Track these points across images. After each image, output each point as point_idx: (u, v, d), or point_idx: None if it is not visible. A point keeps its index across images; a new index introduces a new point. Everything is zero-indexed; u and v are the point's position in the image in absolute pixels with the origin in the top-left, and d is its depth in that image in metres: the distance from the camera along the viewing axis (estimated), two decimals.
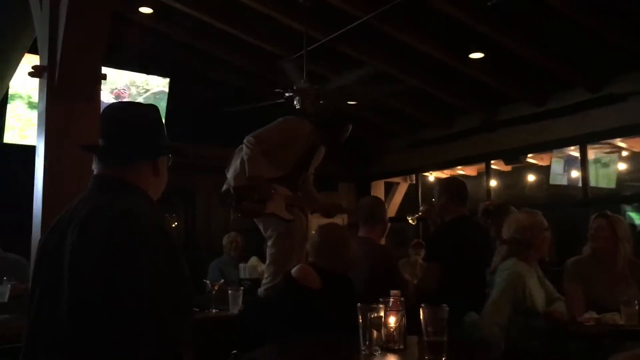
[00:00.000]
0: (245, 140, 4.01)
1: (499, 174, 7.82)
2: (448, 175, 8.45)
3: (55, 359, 1.39)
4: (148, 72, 6.40)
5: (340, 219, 8.42)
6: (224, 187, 4.09)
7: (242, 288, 3.99)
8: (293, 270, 2.89)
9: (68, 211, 1.54)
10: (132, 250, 1.38)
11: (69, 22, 2.57)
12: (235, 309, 3.77)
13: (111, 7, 2.68)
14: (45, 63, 2.75)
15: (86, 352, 1.36)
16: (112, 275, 1.36)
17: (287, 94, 4.91)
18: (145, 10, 6.03)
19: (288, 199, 4.05)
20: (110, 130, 1.61)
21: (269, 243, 4.08)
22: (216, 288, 3.96)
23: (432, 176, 8.36)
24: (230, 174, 4.10)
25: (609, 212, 3.37)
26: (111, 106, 1.68)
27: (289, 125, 4.17)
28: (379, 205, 3.79)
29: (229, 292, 3.88)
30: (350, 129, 4.25)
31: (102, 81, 2.83)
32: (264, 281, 4.05)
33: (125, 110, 1.72)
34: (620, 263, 3.21)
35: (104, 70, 2.89)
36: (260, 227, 4.15)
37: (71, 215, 1.50)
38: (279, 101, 4.94)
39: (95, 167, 1.60)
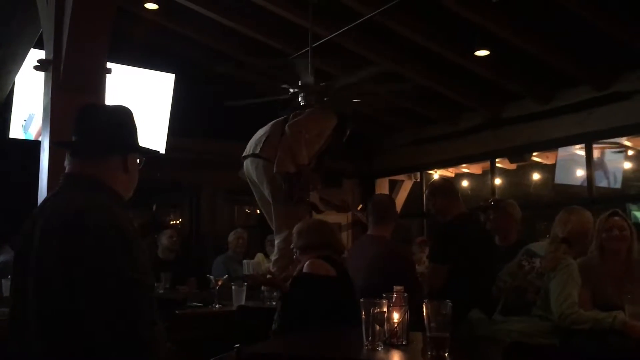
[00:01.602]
0: (289, 128, 4.08)
1: (504, 172, 7.79)
2: (452, 173, 8.44)
3: (25, 357, 1.47)
4: (153, 68, 6.40)
5: (345, 217, 8.45)
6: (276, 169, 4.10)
7: (245, 284, 4.01)
8: (305, 268, 2.87)
9: (37, 209, 1.62)
10: (86, 249, 1.44)
11: (74, 17, 2.59)
12: (238, 303, 3.79)
13: (116, 2, 2.68)
14: (50, 57, 2.77)
15: (52, 351, 1.42)
16: (69, 275, 1.42)
17: (292, 90, 4.91)
18: (151, 6, 6.04)
19: (322, 192, 4.17)
20: (82, 127, 1.68)
21: (281, 236, 4.09)
22: (219, 283, 3.99)
23: (436, 174, 8.34)
24: (278, 157, 4.09)
25: (619, 211, 3.34)
26: (85, 105, 1.76)
27: (323, 116, 4.30)
28: (393, 204, 3.83)
29: (233, 287, 3.89)
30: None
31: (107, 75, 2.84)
32: (271, 269, 4.07)
33: (98, 109, 1.82)
34: (632, 263, 3.19)
35: (109, 65, 2.90)
36: (270, 216, 4.20)
37: (38, 215, 1.57)
38: (283, 97, 4.94)
39: (66, 164, 1.66)
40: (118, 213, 1.55)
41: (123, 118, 1.73)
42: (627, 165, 7.27)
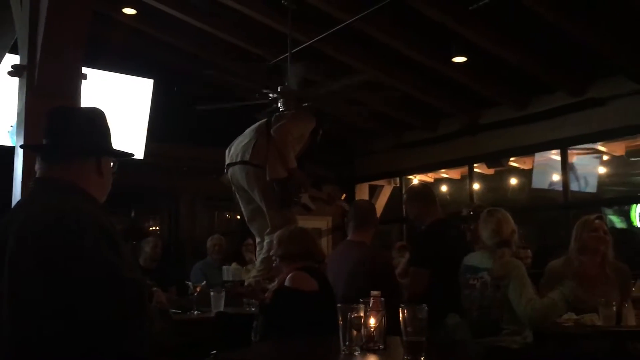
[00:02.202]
0: (276, 133, 4.10)
1: (482, 177, 7.88)
2: (431, 179, 8.50)
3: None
4: (132, 74, 6.35)
5: (325, 222, 8.46)
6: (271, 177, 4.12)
7: (224, 290, 3.99)
8: (287, 281, 2.84)
9: (8, 215, 1.56)
10: (71, 252, 1.40)
11: (49, 22, 2.56)
12: (217, 310, 3.77)
13: (92, 7, 2.66)
14: (25, 62, 2.73)
15: (25, 353, 1.38)
16: (53, 280, 1.38)
17: (271, 96, 4.91)
18: (129, 11, 6.00)
19: (311, 191, 4.20)
20: (54, 128, 1.63)
21: (267, 237, 4.10)
22: (198, 290, 3.96)
23: (416, 179, 8.40)
24: (270, 165, 4.12)
25: (603, 216, 3.44)
26: (56, 107, 1.71)
27: (304, 118, 4.34)
28: (373, 210, 3.84)
29: (212, 293, 3.87)
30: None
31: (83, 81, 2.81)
32: (254, 273, 4.06)
33: (70, 111, 1.76)
34: (607, 264, 3.26)
35: (86, 70, 2.87)
36: (258, 221, 4.21)
37: (10, 220, 1.51)
38: (262, 102, 4.93)
39: (37, 168, 1.61)
40: (99, 214, 1.52)
41: (96, 120, 1.68)
42: (602, 170, 7.39)
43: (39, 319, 1.37)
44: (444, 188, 8.61)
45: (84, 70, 2.85)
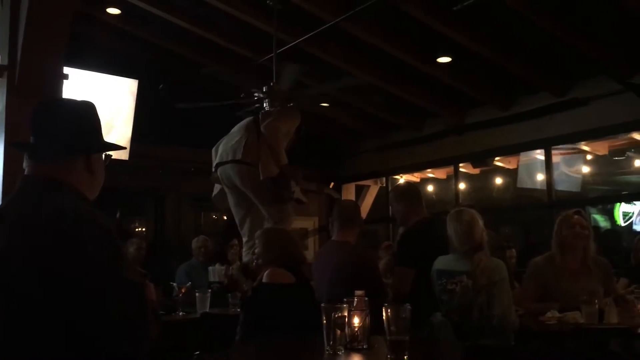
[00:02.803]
0: (267, 130, 4.11)
1: (467, 177, 7.92)
2: (417, 178, 8.54)
3: None
4: (116, 74, 6.30)
5: (311, 222, 8.46)
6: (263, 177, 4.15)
7: (209, 291, 3.98)
8: (264, 277, 2.92)
9: None
10: (71, 254, 1.36)
11: (29, 21, 2.54)
12: (202, 310, 3.75)
13: (73, 7, 2.64)
14: (6, 62, 2.71)
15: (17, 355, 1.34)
16: (50, 282, 1.33)
17: (256, 95, 4.90)
18: (113, 11, 5.96)
19: (302, 183, 4.26)
20: (41, 125, 1.56)
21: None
22: (183, 291, 3.95)
23: (402, 179, 8.43)
24: (262, 164, 4.12)
25: (582, 210, 3.48)
26: (43, 102, 1.63)
27: (291, 114, 4.37)
28: (358, 209, 3.85)
29: (197, 294, 3.86)
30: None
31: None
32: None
33: (57, 105, 1.68)
34: (588, 259, 3.31)
35: (69, 70, 2.85)
36: (250, 221, 4.22)
37: None
38: (247, 101, 4.93)
39: (25, 166, 1.54)
40: (95, 212, 1.46)
41: (85, 114, 1.60)
42: (586, 169, 7.47)
43: (36, 320, 1.33)
44: (430, 188, 8.65)
45: (67, 70, 2.83)
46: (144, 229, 8.06)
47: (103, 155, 1.64)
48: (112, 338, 1.36)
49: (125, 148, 5.15)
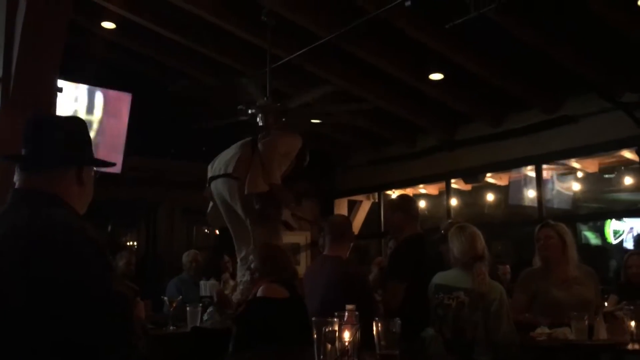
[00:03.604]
0: (263, 146, 4.12)
1: (459, 193, 7.95)
2: (410, 194, 8.55)
3: None
4: (109, 87, 6.33)
5: (304, 237, 8.45)
6: (247, 191, 4.14)
7: (200, 305, 3.96)
8: (259, 292, 2.97)
9: None
10: (61, 267, 1.36)
11: (24, 34, 2.55)
12: (193, 325, 3.74)
13: (68, 20, 2.66)
14: (0, 74, 2.72)
15: None
16: (39, 297, 1.33)
17: (250, 111, 4.93)
18: (108, 25, 5.99)
19: (294, 209, 4.23)
20: (32, 137, 1.59)
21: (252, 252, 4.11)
22: (174, 305, 3.93)
23: (394, 194, 8.45)
24: (250, 178, 4.12)
25: (551, 221, 3.51)
26: (35, 115, 1.68)
27: (291, 137, 4.39)
28: (349, 224, 3.86)
29: (187, 308, 3.84)
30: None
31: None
32: (238, 296, 4.05)
33: (49, 119, 1.74)
34: (571, 268, 3.34)
35: (63, 84, 2.87)
36: (243, 236, 4.21)
37: None
38: (242, 118, 4.95)
39: (16, 179, 1.56)
40: (85, 225, 1.49)
41: (76, 129, 1.64)
42: (576, 186, 7.52)
43: (22, 329, 1.33)
44: (422, 204, 8.67)
45: (61, 83, 2.84)
46: (135, 243, 8.03)
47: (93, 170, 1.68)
48: (99, 349, 1.36)
49: (114, 164, 5.17)
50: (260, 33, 5.39)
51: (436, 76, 6.07)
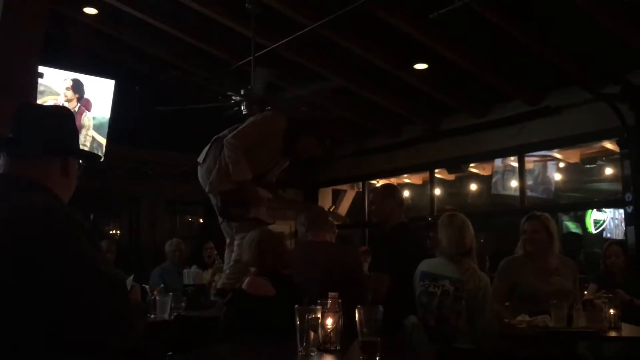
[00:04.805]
0: (226, 142, 3.98)
1: (443, 182, 8.01)
2: (394, 184, 8.59)
3: None
4: (93, 74, 6.25)
5: (287, 226, 8.46)
6: (208, 189, 4.03)
7: (170, 294, 3.95)
8: (244, 285, 2.89)
9: None
10: (50, 251, 1.37)
11: (4, 20, 2.51)
12: (163, 314, 3.72)
13: (48, 5, 2.62)
14: None
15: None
16: (29, 281, 1.34)
17: (234, 99, 4.90)
18: (90, 10, 5.90)
19: (272, 202, 4.10)
20: (20, 124, 1.60)
21: (236, 247, 4.04)
22: (155, 293, 3.93)
23: (379, 184, 8.48)
24: (213, 176, 4.02)
25: (537, 212, 3.55)
26: (24, 104, 1.69)
27: (267, 120, 4.23)
28: (325, 214, 3.87)
29: (156, 298, 3.83)
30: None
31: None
32: (224, 280, 4.02)
33: (38, 108, 1.76)
34: (553, 259, 3.40)
35: (45, 70, 2.83)
36: (230, 230, 4.13)
37: None
38: (224, 105, 4.92)
39: (1, 164, 1.57)
40: (71, 211, 1.49)
41: (64, 119, 1.65)
42: (558, 176, 7.61)
43: (15, 313, 1.33)
44: (406, 193, 8.72)
45: (42, 69, 2.81)
46: (118, 232, 7.98)
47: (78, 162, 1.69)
48: (94, 328, 1.37)
49: (101, 157, 5.10)
50: (245, 22, 5.35)
51: (421, 66, 6.08)
